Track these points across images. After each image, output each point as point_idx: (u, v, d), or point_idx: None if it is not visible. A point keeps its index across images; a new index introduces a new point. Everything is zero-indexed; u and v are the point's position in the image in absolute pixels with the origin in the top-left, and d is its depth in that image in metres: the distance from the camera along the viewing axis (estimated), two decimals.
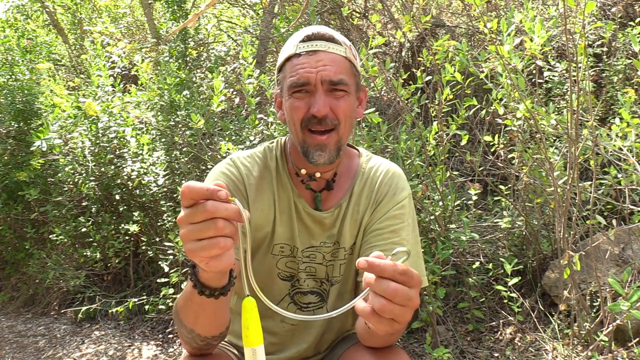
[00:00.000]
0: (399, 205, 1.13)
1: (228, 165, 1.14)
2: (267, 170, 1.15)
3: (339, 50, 1.05)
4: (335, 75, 1.02)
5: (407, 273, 0.67)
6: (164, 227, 2.99)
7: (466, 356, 2.31)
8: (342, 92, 1.04)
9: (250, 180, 1.13)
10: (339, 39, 1.07)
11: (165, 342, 2.87)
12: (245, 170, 1.14)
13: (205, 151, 2.98)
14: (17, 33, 4.46)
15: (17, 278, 3.73)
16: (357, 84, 1.10)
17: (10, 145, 3.53)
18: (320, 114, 1.01)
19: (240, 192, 1.12)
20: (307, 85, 1.03)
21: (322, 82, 1.02)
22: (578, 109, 1.89)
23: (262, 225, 1.14)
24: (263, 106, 3.56)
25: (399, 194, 1.14)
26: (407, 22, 2.51)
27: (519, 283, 2.41)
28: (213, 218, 0.65)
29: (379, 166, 1.19)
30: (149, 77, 3.42)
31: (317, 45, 1.04)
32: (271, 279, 1.18)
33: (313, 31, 1.06)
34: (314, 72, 1.02)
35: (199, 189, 0.65)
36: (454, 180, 2.74)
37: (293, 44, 1.07)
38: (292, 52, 1.06)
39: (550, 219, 2.61)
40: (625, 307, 1.52)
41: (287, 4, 4.36)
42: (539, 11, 3.70)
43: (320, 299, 1.20)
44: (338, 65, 1.04)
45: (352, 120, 1.09)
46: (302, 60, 1.04)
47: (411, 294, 0.67)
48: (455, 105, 2.40)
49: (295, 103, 1.04)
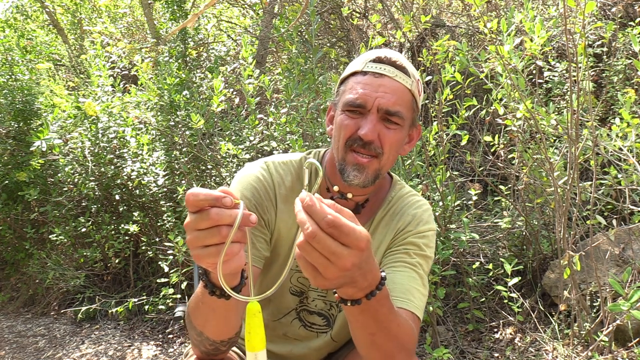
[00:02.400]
0: (420, 235, 1.10)
1: (262, 170, 1.12)
2: (299, 182, 1.12)
3: (405, 81, 1.02)
4: (393, 105, 1.00)
5: (340, 227, 0.62)
6: (164, 227, 2.98)
7: (466, 356, 2.31)
8: (394, 124, 1.02)
9: (281, 190, 1.10)
10: (410, 70, 1.04)
11: (165, 342, 2.86)
12: (278, 178, 1.11)
13: (205, 151, 2.98)
14: (16, 33, 4.45)
15: (17, 278, 3.73)
16: (413, 119, 1.07)
17: (10, 145, 3.53)
18: (367, 138, 0.99)
19: (270, 199, 1.09)
20: (362, 108, 1.01)
21: (378, 109, 1.00)
22: (578, 109, 1.89)
23: (284, 238, 1.12)
24: (263, 106, 3.56)
25: (422, 225, 1.11)
26: (407, 22, 2.51)
27: (519, 283, 2.41)
28: (218, 225, 0.64)
29: (408, 196, 1.16)
30: (148, 77, 3.42)
31: (385, 70, 1.01)
32: (281, 292, 1.17)
33: (386, 54, 1.03)
34: (373, 96, 1.00)
35: (203, 197, 0.65)
36: (454, 180, 2.74)
37: (363, 61, 1.05)
38: (359, 69, 1.04)
39: (550, 219, 2.61)
40: (626, 307, 1.52)
41: (287, 4, 4.36)
42: (539, 11, 3.70)
43: (326, 323, 1.19)
44: (399, 96, 1.01)
45: (396, 154, 1.07)
46: (366, 80, 1.02)
47: (336, 250, 0.62)
48: (455, 105, 2.40)
49: (345, 121, 1.02)
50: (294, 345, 1.21)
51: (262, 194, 1.09)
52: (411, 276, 1.04)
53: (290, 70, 2.77)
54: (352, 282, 0.69)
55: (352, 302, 0.75)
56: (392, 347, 0.86)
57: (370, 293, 0.73)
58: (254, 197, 1.08)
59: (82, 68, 5.15)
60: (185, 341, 2.85)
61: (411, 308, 0.99)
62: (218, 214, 0.64)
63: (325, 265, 0.64)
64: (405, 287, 1.01)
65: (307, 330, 1.19)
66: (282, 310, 1.18)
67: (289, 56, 2.96)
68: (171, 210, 2.95)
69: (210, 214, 0.64)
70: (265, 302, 1.15)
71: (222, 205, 0.65)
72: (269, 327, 1.18)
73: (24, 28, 5.86)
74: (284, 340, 1.21)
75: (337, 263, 0.63)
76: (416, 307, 1.00)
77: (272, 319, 1.19)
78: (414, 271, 1.05)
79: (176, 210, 2.97)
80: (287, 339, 1.20)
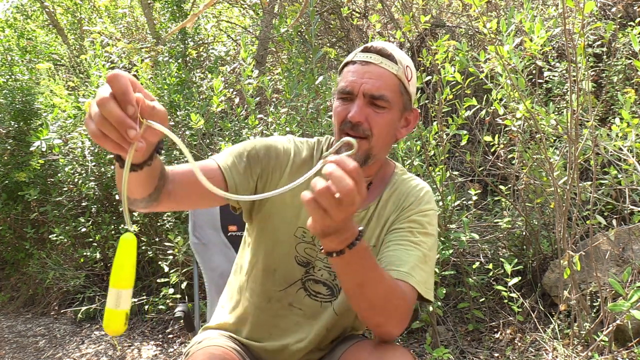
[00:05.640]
0: (423, 214, 1.17)
1: (286, 139, 1.23)
2: (312, 158, 1.22)
3: (390, 67, 1.10)
4: (377, 90, 1.08)
5: (359, 172, 0.75)
6: (164, 227, 2.98)
7: (466, 356, 2.31)
8: (381, 108, 1.10)
9: (295, 159, 1.20)
10: (398, 57, 1.12)
11: (165, 342, 2.86)
12: (295, 149, 1.21)
13: (205, 151, 2.98)
14: (16, 33, 4.45)
15: (17, 278, 3.73)
16: (404, 103, 1.15)
17: (10, 145, 3.53)
18: (353, 119, 1.08)
19: (280, 164, 1.18)
20: (350, 94, 1.10)
21: (363, 94, 1.09)
22: (578, 109, 1.89)
23: (289, 205, 1.18)
24: (263, 106, 3.56)
25: (424, 204, 1.19)
26: (407, 22, 2.51)
27: (519, 283, 2.41)
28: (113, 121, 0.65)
29: (411, 180, 1.25)
30: (148, 77, 3.42)
31: (371, 58, 1.11)
32: (288, 261, 1.21)
33: (374, 44, 1.12)
34: (359, 82, 1.09)
35: (120, 88, 0.65)
36: (454, 180, 2.74)
37: (355, 52, 1.15)
38: (350, 59, 1.14)
39: (550, 219, 2.61)
40: (626, 307, 1.52)
41: (287, 4, 4.36)
42: (539, 11, 3.70)
43: (330, 293, 1.22)
44: (384, 81, 1.09)
45: (388, 136, 1.14)
46: (354, 68, 1.11)
47: (352, 191, 0.74)
48: (455, 105, 2.40)
49: (338, 108, 1.13)
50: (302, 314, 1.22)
51: (282, 153, 1.18)
52: (415, 254, 1.10)
53: (290, 70, 2.77)
54: (339, 232, 0.82)
55: (337, 253, 0.86)
56: (377, 300, 0.96)
57: (351, 243, 0.85)
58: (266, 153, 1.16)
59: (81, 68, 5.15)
60: (185, 341, 2.85)
61: (407, 279, 1.05)
62: (110, 111, 0.65)
63: (337, 206, 0.75)
64: (404, 261, 1.08)
65: (312, 299, 1.22)
66: (289, 280, 1.22)
67: (288, 56, 2.96)
68: (171, 210, 2.95)
69: (108, 107, 0.64)
70: (271, 272, 1.21)
71: (128, 103, 0.65)
72: (275, 298, 1.21)
73: (24, 28, 5.86)
74: (289, 311, 1.22)
75: (347, 205, 0.75)
76: (416, 281, 1.06)
77: (279, 289, 1.22)
78: (417, 249, 1.11)
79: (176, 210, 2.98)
80: (292, 309, 1.22)
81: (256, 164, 1.15)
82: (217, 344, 1.19)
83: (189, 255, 2.73)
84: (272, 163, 1.17)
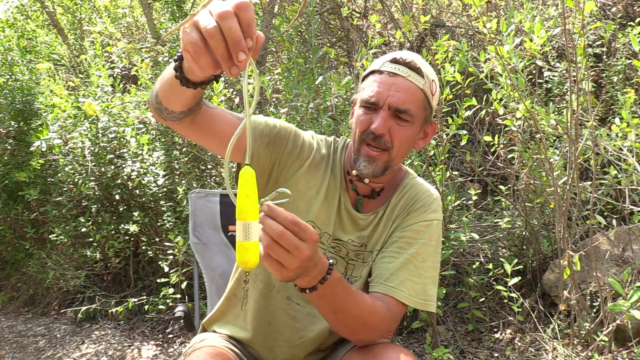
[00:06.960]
0: (425, 223, 1.18)
1: (311, 135, 1.24)
2: (328, 157, 1.23)
3: (417, 81, 1.10)
4: (403, 104, 1.09)
5: (299, 224, 0.78)
6: (164, 227, 2.98)
7: (466, 356, 2.31)
8: (404, 121, 1.10)
9: (315, 155, 1.20)
10: (425, 71, 1.12)
11: (165, 342, 2.87)
12: (316, 145, 1.22)
13: (205, 151, 2.98)
14: (16, 33, 4.45)
15: (17, 278, 3.73)
16: (425, 117, 1.15)
17: (10, 145, 3.53)
18: (377, 131, 1.09)
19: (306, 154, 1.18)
20: (375, 105, 1.10)
21: (389, 106, 1.09)
22: (578, 109, 1.89)
23: (304, 195, 1.19)
24: (263, 106, 3.56)
25: (429, 213, 1.19)
26: (406, 22, 2.51)
27: (519, 283, 2.41)
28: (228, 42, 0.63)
29: (421, 185, 1.25)
30: (148, 77, 3.42)
31: (399, 70, 1.10)
32: None
33: (403, 56, 1.12)
34: (385, 94, 1.09)
35: (247, 18, 0.63)
36: (454, 180, 2.74)
37: (382, 61, 1.14)
38: (377, 68, 1.14)
39: (550, 219, 2.61)
40: (625, 307, 1.52)
41: (287, 4, 4.36)
42: (539, 11, 3.70)
43: None
44: (410, 95, 1.10)
45: (408, 148, 1.15)
46: (381, 79, 1.11)
47: (298, 244, 0.77)
48: (455, 105, 2.40)
49: (361, 116, 1.13)
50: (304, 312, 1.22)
51: (306, 146, 1.19)
52: (408, 267, 1.11)
53: (290, 70, 2.77)
54: (306, 272, 0.84)
55: (310, 289, 0.89)
56: (353, 323, 1.00)
57: (323, 278, 0.88)
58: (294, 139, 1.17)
59: (82, 68, 5.15)
60: (185, 341, 2.85)
61: (393, 294, 1.08)
62: (238, 37, 0.63)
63: (289, 258, 0.78)
64: (394, 274, 1.10)
65: None
66: None
67: (288, 56, 2.96)
68: (171, 210, 2.95)
69: (234, 28, 0.62)
70: None
71: (245, 38, 0.64)
72: (276, 287, 1.22)
73: (24, 28, 5.86)
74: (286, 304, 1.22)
75: (298, 255, 0.78)
76: (403, 295, 1.08)
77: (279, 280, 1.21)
78: (411, 262, 1.12)
79: (176, 210, 2.97)
80: (289, 302, 1.22)
81: (281, 144, 1.15)
82: (215, 344, 1.19)
83: (189, 255, 2.73)
84: (295, 152, 1.17)
